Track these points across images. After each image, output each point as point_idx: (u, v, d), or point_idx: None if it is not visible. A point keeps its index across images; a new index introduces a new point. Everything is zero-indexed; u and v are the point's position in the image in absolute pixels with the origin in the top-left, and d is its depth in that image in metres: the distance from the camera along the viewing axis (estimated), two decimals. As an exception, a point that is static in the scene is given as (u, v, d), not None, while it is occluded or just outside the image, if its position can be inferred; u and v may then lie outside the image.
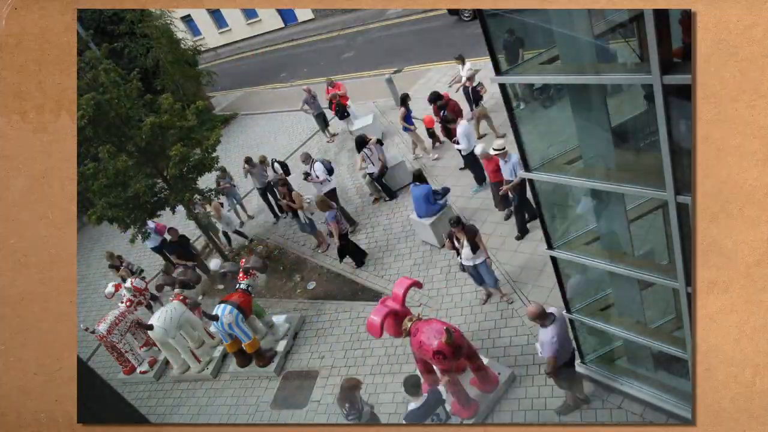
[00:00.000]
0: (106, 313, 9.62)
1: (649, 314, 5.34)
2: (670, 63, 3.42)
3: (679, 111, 3.57)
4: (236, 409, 8.35)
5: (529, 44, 4.93)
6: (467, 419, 6.34)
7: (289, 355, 8.74)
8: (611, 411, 5.86)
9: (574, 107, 4.34)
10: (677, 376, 5.50)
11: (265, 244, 11.97)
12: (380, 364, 7.77)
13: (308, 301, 9.71)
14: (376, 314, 6.19)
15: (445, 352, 5.80)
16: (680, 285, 4.27)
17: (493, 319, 7.58)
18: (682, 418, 5.26)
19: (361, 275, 9.70)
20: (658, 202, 4.50)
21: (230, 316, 8.18)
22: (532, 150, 4.65)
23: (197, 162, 10.34)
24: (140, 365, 9.78)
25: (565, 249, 5.16)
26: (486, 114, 11.38)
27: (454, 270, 8.66)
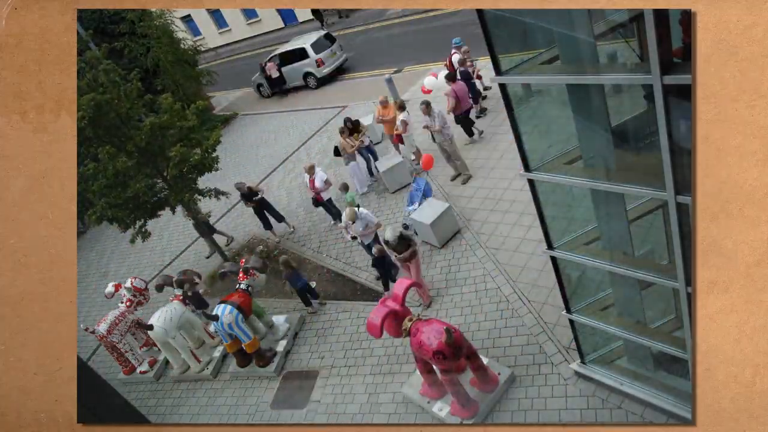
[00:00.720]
0: (106, 313, 9.62)
1: (649, 314, 5.34)
2: (670, 63, 3.42)
3: (679, 111, 3.57)
4: (236, 409, 8.35)
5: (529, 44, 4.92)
6: (467, 419, 6.34)
7: (289, 355, 8.75)
8: (611, 411, 5.86)
9: (574, 107, 4.34)
10: (677, 376, 5.50)
11: (265, 244, 11.97)
12: (380, 364, 7.77)
13: (308, 301, 9.70)
14: (376, 314, 6.19)
15: (445, 352, 5.80)
16: (680, 285, 4.27)
17: (493, 319, 7.58)
18: (682, 418, 5.26)
19: (361, 275, 9.70)
20: (658, 202, 4.50)
21: (230, 316, 8.19)
22: (532, 150, 4.65)
23: (197, 162, 10.34)
24: (140, 365, 9.78)
25: (565, 249, 5.16)
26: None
27: (454, 270, 8.67)
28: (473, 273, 8.44)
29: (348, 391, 7.63)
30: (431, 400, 6.73)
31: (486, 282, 8.18)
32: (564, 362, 6.55)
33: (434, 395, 6.70)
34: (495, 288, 8.00)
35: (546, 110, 5.00)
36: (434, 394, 6.70)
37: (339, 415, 7.37)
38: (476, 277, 8.35)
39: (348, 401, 7.49)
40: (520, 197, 9.22)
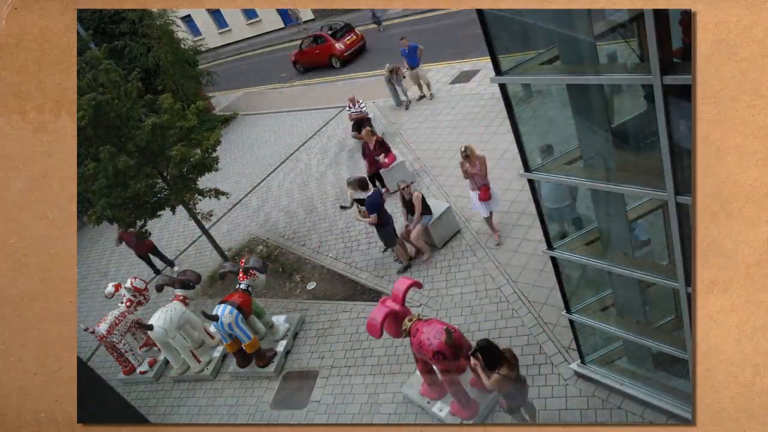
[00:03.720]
0: (106, 313, 9.62)
1: (649, 314, 5.34)
2: (670, 63, 3.41)
3: (679, 111, 3.57)
4: (236, 409, 8.35)
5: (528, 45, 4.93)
6: (467, 419, 6.34)
7: (289, 355, 8.75)
8: (611, 411, 5.86)
9: (574, 107, 4.34)
10: (677, 377, 5.50)
11: (265, 244, 11.98)
12: (380, 364, 7.77)
13: (308, 301, 9.71)
14: (376, 314, 6.19)
15: (445, 352, 5.80)
16: (680, 285, 4.26)
17: (493, 320, 7.58)
18: (682, 418, 5.26)
19: (361, 275, 9.70)
20: (658, 202, 4.50)
21: (230, 316, 8.18)
22: (532, 150, 4.65)
23: (197, 162, 10.35)
24: (140, 365, 9.78)
25: (565, 249, 5.16)
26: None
27: (454, 270, 8.67)
28: (473, 273, 8.44)
29: (348, 391, 7.63)
30: (431, 400, 6.73)
31: (486, 282, 8.19)
32: (564, 362, 6.56)
33: (434, 395, 6.70)
34: (495, 288, 8.00)
35: (546, 110, 5.00)
36: (434, 394, 6.70)
37: (339, 415, 7.37)
38: (476, 277, 8.35)
39: (348, 401, 7.49)
40: (520, 197, 9.23)
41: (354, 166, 13.16)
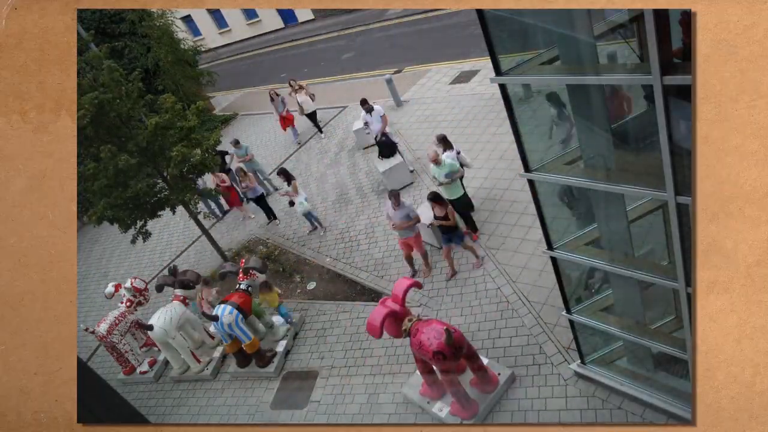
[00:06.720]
0: (106, 313, 9.62)
1: (649, 314, 5.34)
2: (670, 63, 3.41)
3: (679, 111, 3.57)
4: (236, 409, 8.35)
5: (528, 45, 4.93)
6: (467, 419, 6.34)
7: (289, 356, 8.75)
8: (611, 411, 5.86)
9: (574, 107, 4.34)
10: (677, 377, 5.50)
11: (265, 244, 11.97)
12: (380, 364, 7.77)
13: (308, 301, 9.71)
14: (376, 315, 6.19)
15: (445, 352, 5.80)
16: (680, 285, 4.26)
17: (493, 320, 7.58)
18: (682, 418, 5.26)
19: (361, 275, 9.70)
20: (658, 202, 4.50)
21: (230, 316, 8.19)
22: (532, 150, 4.65)
23: (198, 162, 10.35)
24: (140, 365, 9.78)
25: (565, 249, 5.16)
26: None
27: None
28: (473, 273, 8.44)
29: (348, 391, 7.63)
30: (431, 400, 6.73)
31: (486, 282, 8.19)
32: (564, 363, 6.56)
33: (434, 395, 6.70)
34: (495, 288, 8.00)
35: (546, 110, 5.00)
36: (434, 394, 6.70)
37: (339, 415, 7.37)
38: (476, 278, 8.35)
39: (348, 401, 7.49)
40: (520, 197, 9.22)
41: (354, 166, 13.17)
